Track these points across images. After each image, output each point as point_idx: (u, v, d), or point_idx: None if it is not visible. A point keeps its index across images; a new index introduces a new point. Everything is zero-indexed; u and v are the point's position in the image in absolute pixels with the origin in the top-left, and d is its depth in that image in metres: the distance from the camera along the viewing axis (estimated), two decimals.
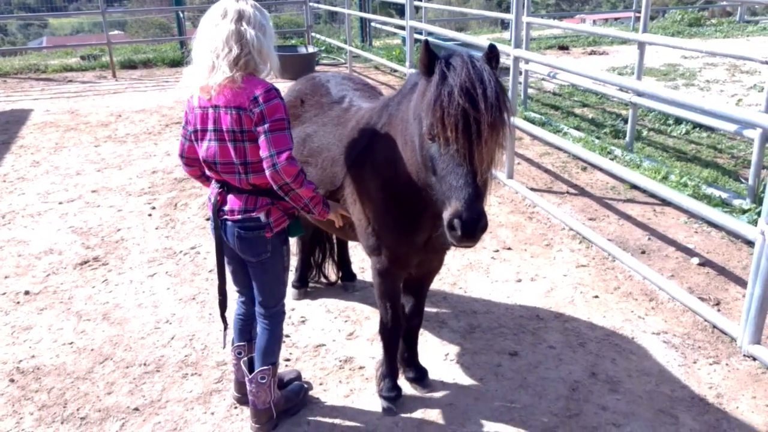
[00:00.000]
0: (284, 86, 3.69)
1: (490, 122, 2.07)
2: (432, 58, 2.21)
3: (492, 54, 2.24)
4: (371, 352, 3.45)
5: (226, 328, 2.89)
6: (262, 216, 2.53)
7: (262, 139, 2.35)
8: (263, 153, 2.36)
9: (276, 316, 2.81)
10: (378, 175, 2.66)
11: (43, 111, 9.18)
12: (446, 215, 2.12)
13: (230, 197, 2.56)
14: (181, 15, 13.60)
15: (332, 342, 3.57)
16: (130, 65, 12.68)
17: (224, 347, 3.10)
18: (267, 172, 2.36)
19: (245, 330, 2.93)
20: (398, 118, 2.52)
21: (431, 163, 2.21)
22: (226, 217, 2.58)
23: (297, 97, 3.33)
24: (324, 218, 2.64)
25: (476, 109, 2.06)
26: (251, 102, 2.34)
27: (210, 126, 2.45)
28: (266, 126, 2.33)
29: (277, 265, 2.69)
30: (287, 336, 3.60)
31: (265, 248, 2.60)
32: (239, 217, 2.54)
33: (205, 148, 2.49)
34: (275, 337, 2.82)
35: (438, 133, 2.11)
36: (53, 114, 9.00)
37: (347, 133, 2.86)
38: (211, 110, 2.43)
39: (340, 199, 2.89)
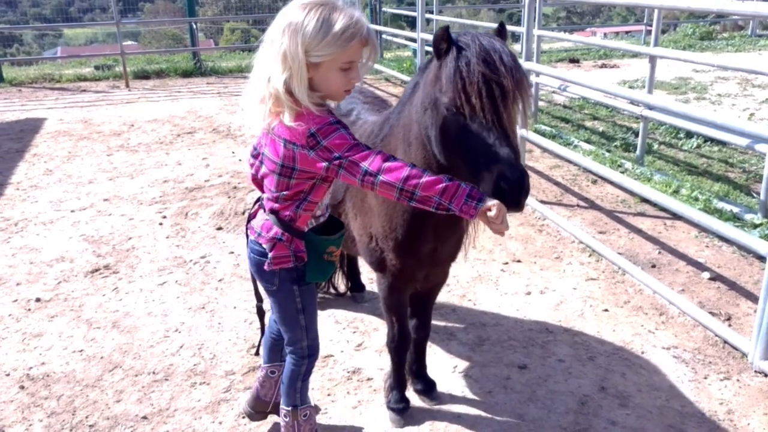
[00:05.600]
0: None
1: (513, 83, 2.07)
2: (450, 40, 2.18)
3: (501, 30, 2.26)
4: (379, 363, 3.44)
5: (263, 333, 2.79)
6: (267, 247, 2.31)
7: None
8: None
9: (293, 355, 2.54)
10: None
11: (57, 120, 9.28)
12: (489, 183, 2.03)
13: (259, 212, 2.41)
14: (194, 26, 13.73)
15: (340, 353, 3.57)
16: (143, 75, 12.81)
17: (257, 354, 3.05)
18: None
19: (274, 349, 2.78)
20: (400, 125, 2.49)
21: (457, 142, 2.14)
22: (249, 232, 2.44)
23: None
24: (472, 216, 2.04)
25: (496, 73, 2.05)
26: None
27: None
28: None
29: (286, 304, 2.42)
30: None
31: (271, 280, 2.36)
32: (253, 237, 2.38)
33: None
34: (290, 376, 2.56)
35: (462, 104, 2.07)
36: (67, 123, 9.10)
37: None
38: None
39: (341, 213, 2.88)
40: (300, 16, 2.00)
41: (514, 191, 2.01)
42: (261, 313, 2.73)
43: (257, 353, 3.00)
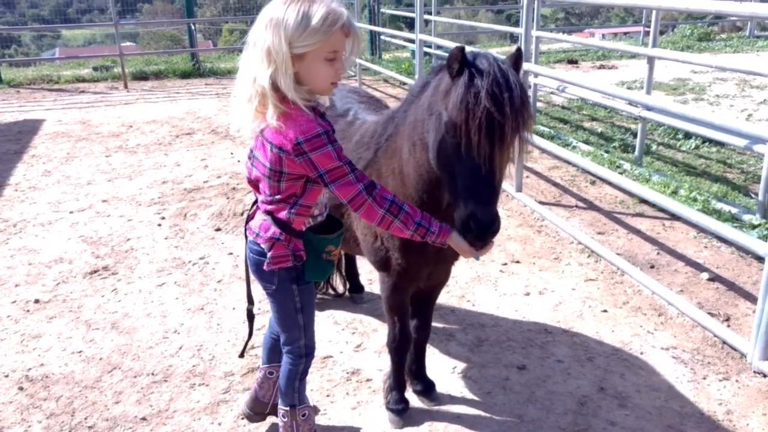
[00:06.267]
0: None
1: (514, 126, 2.07)
2: (464, 62, 2.15)
3: (518, 56, 2.24)
4: (379, 364, 3.44)
5: (250, 337, 2.78)
6: (265, 247, 2.31)
7: None
8: None
9: (290, 355, 2.54)
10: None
11: (56, 121, 9.28)
12: (460, 215, 2.12)
13: (257, 213, 2.41)
14: (193, 27, 13.72)
15: (339, 354, 3.57)
16: (141, 76, 12.79)
17: (241, 356, 3.04)
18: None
19: (274, 350, 2.78)
20: (406, 124, 2.49)
21: (447, 160, 2.18)
22: (248, 232, 2.44)
23: None
24: (442, 243, 2.25)
25: (502, 113, 2.05)
26: None
27: None
28: None
29: (285, 304, 2.42)
30: None
31: (270, 280, 2.36)
32: (252, 237, 2.38)
33: None
34: (288, 376, 2.56)
35: (461, 134, 2.09)
36: (65, 124, 9.09)
37: (351, 147, 2.84)
38: None
39: (344, 214, 2.88)
40: (281, 11, 2.03)
41: (480, 232, 2.10)
42: (251, 316, 2.72)
43: (241, 356, 3.00)
